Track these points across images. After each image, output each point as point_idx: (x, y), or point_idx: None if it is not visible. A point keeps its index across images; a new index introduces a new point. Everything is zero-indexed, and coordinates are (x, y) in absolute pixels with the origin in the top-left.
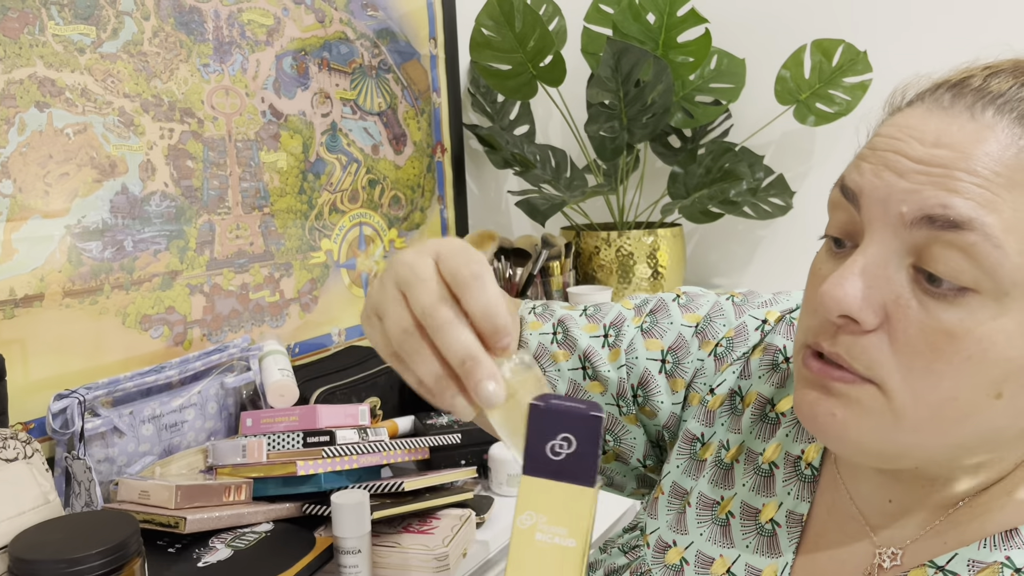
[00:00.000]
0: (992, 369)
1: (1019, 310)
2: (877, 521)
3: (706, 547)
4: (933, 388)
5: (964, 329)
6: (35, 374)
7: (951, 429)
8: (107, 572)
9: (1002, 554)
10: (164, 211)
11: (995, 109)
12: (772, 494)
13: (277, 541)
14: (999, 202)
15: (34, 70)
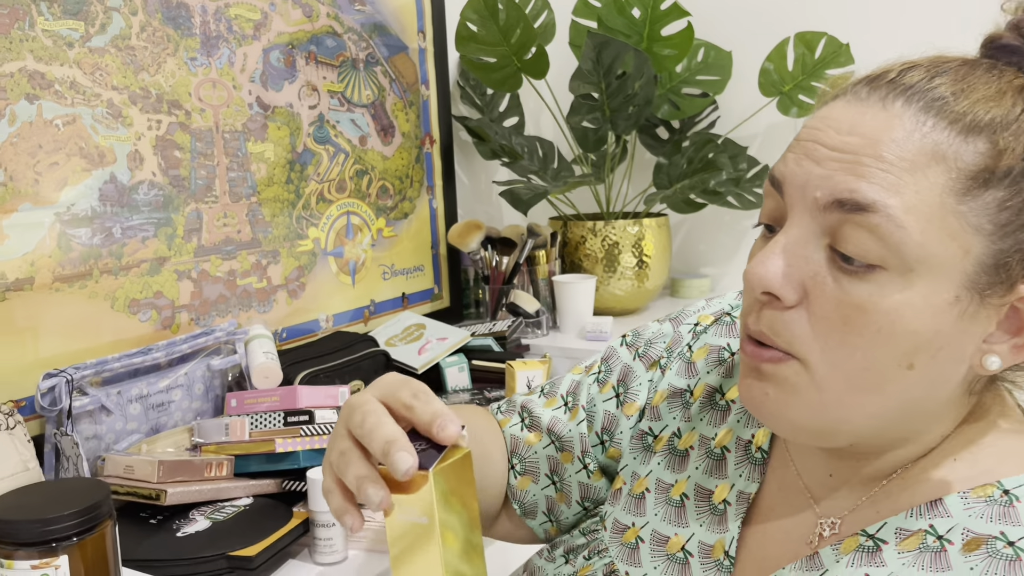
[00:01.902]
0: (901, 341)
1: (924, 285)
2: (820, 494)
3: (661, 527)
4: (848, 359)
5: (873, 303)
6: (26, 355)
7: (869, 400)
8: (79, 532)
9: (926, 522)
10: (152, 199)
11: (904, 99)
12: (724, 476)
13: (255, 514)
14: (902, 185)
15: (24, 64)
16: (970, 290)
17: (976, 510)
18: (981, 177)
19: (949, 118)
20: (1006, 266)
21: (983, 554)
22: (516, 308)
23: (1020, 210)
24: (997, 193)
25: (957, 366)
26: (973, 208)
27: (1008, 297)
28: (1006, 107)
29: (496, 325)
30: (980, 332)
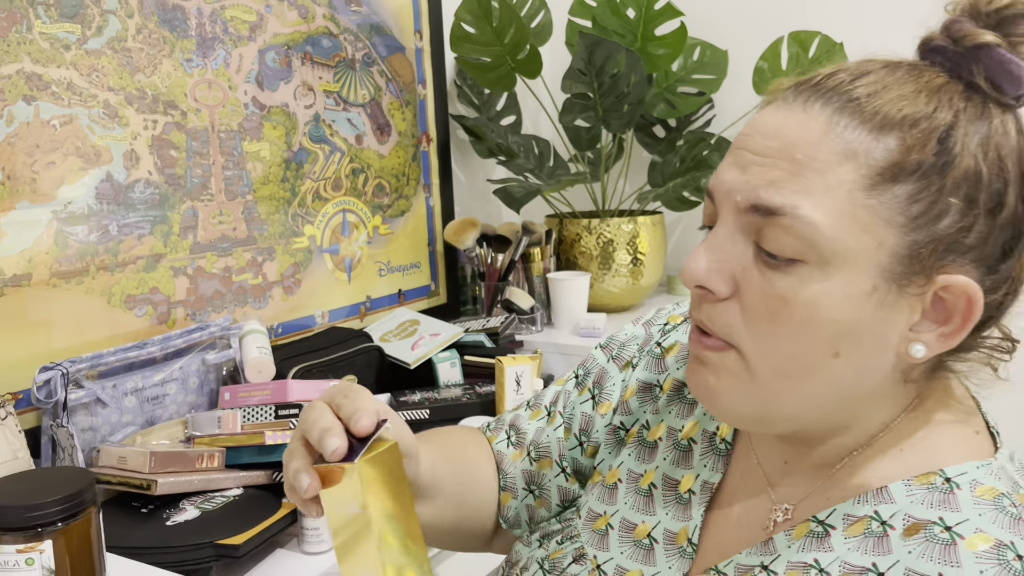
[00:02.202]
0: (823, 329)
1: (841, 276)
2: (776, 481)
3: (630, 514)
4: (776, 348)
5: (795, 294)
6: (23, 349)
7: (800, 387)
8: (64, 518)
9: (871, 508)
10: (148, 198)
11: (823, 102)
12: (690, 467)
13: (244, 504)
14: (812, 185)
15: (21, 66)
16: (887, 280)
17: (918, 496)
18: (890, 172)
19: (861, 117)
20: (920, 257)
21: (921, 538)
22: (511, 304)
23: (931, 203)
24: (907, 187)
25: (883, 354)
26: (883, 202)
27: (928, 287)
28: (918, 105)
29: (489, 321)
30: (903, 321)
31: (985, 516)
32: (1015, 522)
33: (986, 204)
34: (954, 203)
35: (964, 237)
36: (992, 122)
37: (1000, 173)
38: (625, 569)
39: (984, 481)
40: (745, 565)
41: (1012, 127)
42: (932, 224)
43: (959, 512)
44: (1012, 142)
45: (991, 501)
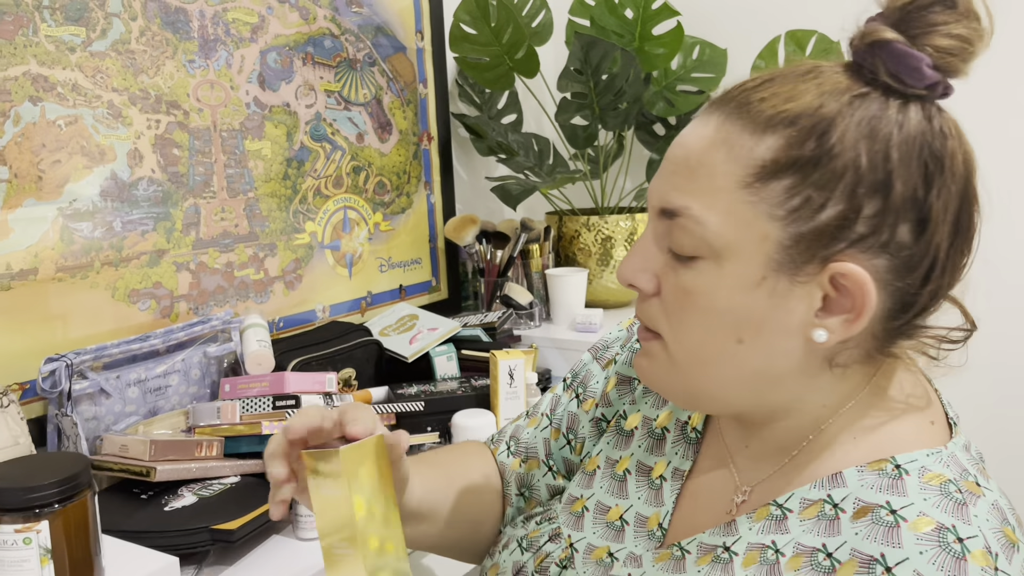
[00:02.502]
0: (722, 318)
1: (732, 269)
2: (740, 464)
3: (605, 498)
4: (687, 335)
5: (696, 287)
6: (30, 340)
7: (713, 371)
8: (60, 500)
9: (826, 492)
10: (151, 195)
11: (719, 111)
12: (662, 454)
13: (240, 492)
14: (703, 187)
15: (28, 68)
16: (775, 271)
17: (868, 481)
18: (769, 169)
19: (746, 120)
20: (806, 247)
21: (868, 521)
22: (509, 300)
23: (809, 196)
24: (784, 182)
25: (787, 339)
26: (764, 197)
27: (821, 276)
28: (803, 103)
29: (487, 316)
30: (802, 308)
31: (930, 501)
32: (959, 507)
33: (870, 192)
34: (834, 194)
35: (851, 225)
36: (887, 113)
37: (885, 162)
38: (595, 546)
39: (932, 468)
40: (708, 544)
41: (914, 116)
42: (813, 216)
43: (905, 497)
44: (909, 131)
45: (937, 487)
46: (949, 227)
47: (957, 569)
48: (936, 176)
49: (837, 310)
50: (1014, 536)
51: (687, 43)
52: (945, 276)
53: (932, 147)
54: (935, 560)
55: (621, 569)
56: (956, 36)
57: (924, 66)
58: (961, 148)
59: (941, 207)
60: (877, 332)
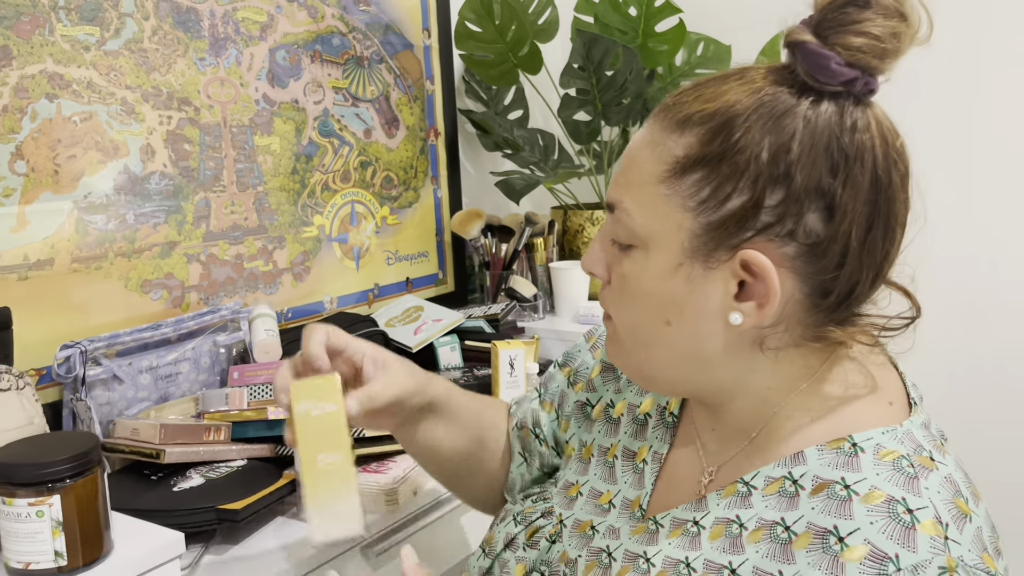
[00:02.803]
0: (650, 301)
1: (655, 256)
2: (709, 447)
3: (597, 484)
4: (625, 317)
5: (629, 273)
6: (46, 328)
7: (651, 352)
8: (71, 476)
9: (787, 470)
10: (163, 189)
11: (655, 115)
12: (645, 439)
13: (247, 474)
14: (632, 183)
15: (44, 66)
16: (691, 258)
17: (827, 459)
18: (683, 164)
19: (668, 121)
20: (716, 236)
21: (824, 496)
22: (514, 292)
23: (716, 188)
24: (695, 176)
25: (708, 322)
26: (678, 190)
27: (732, 263)
28: (718, 103)
29: (491, 308)
30: (718, 292)
31: (882, 475)
32: (910, 480)
33: (771, 184)
34: (739, 185)
35: (756, 215)
36: (797, 110)
37: (785, 155)
38: (581, 521)
39: (887, 445)
40: (680, 519)
41: (825, 112)
42: (720, 206)
43: (859, 472)
44: (816, 127)
45: (890, 462)
46: (862, 216)
47: (906, 538)
48: (841, 167)
49: (752, 296)
50: (966, 508)
51: (691, 39)
52: (863, 263)
53: (840, 141)
54: (884, 529)
55: (601, 540)
56: (867, 34)
57: (833, 64)
58: (878, 141)
59: (849, 196)
60: (802, 317)
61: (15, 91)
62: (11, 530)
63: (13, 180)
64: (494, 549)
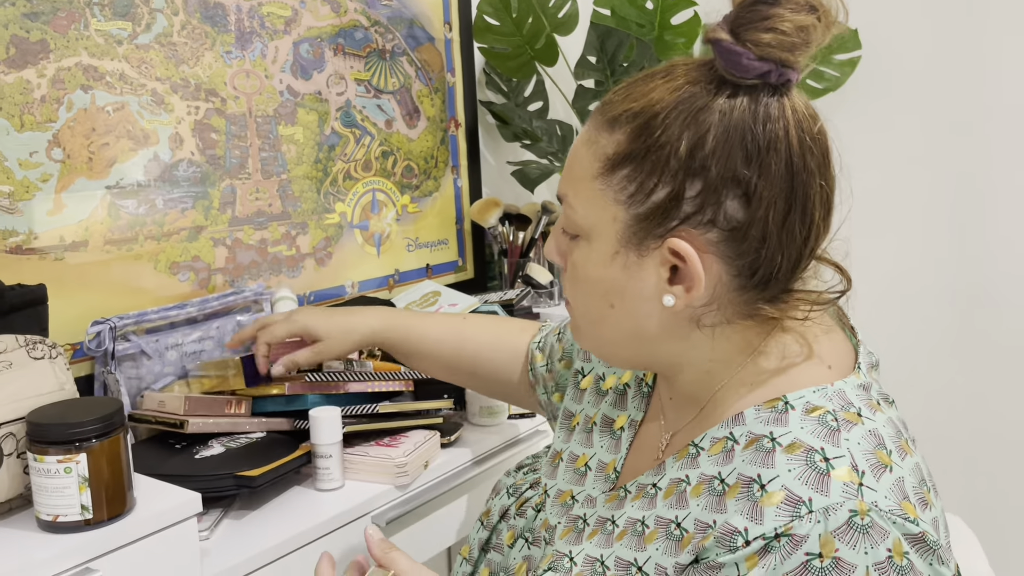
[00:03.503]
0: (594, 286)
1: (596, 245)
2: (669, 415)
3: (576, 448)
4: (578, 301)
5: (577, 261)
6: (80, 306)
7: (600, 331)
8: (97, 436)
9: (728, 430)
10: (191, 175)
11: (593, 115)
12: (624, 408)
13: (265, 445)
14: (574, 179)
15: (79, 59)
16: (625, 247)
17: (761, 417)
18: (614, 160)
19: (602, 121)
20: (645, 226)
21: (753, 449)
22: (530, 279)
23: (642, 181)
24: (624, 171)
25: (646, 304)
26: (610, 185)
27: (661, 250)
28: (644, 101)
29: (507, 294)
30: (653, 277)
31: (806, 429)
32: (831, 433)
33: (690, 176)
34: (662, 179)
35: (678, 205)
36: (713, 104)
37: (701, 148)
38: (562, 490)
39: (816, 402)
40: (643, 484)
41: (739, 105)
42: (646, 199)
43: (786, 427)
44: (731, 120)
45: (815, 417)
46: (779, 201)
47: (820, 483)
48: (755, 156)
49: (682, 279)
50: (887, 459)
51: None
52: (784, 244)
53: (754, 131)
54: (800, 476)
55: (580, 509)
56: (775, 30)
57: (745, 59)
58: (793, 129)
59: (764, 183)
60: (732, 297)
61: (52, 82)
62: (42, 484)
63: (50, 166)
64: (491, 521)
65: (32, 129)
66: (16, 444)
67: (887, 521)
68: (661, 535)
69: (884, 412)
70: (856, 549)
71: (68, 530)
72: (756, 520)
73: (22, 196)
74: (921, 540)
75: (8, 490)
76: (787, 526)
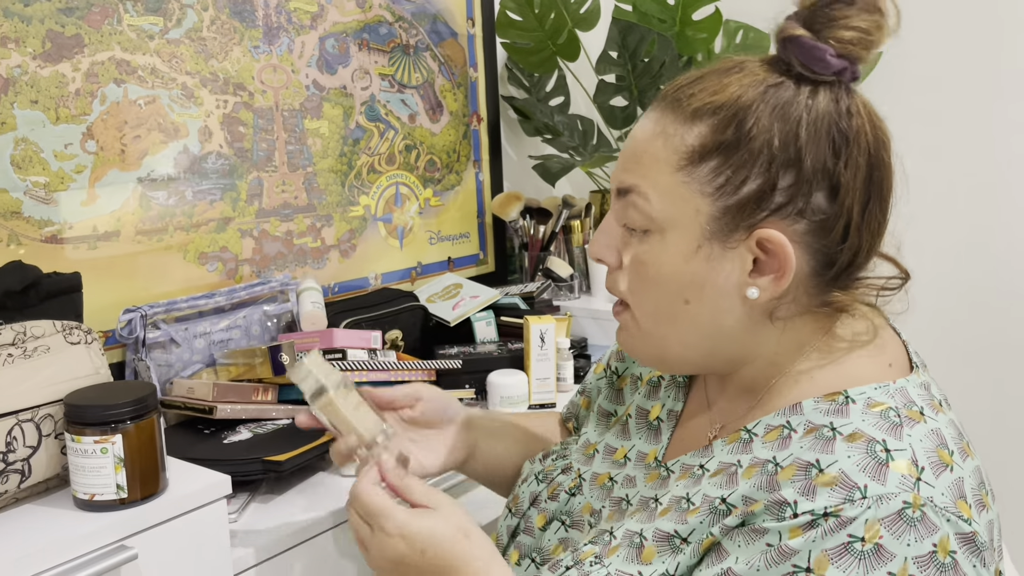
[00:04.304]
0: (670, 283)
1: (674, 240)
2: (720, 407)
3: (612, 441)
4: (645, 301)
5: (646, 257)
6: (112, 294)
7: (672, 331)
8: (132, 418)
9: (785, 419)
10: (219, 168)
11: (659, 106)
12: (657, 398)
13: (291, 432)
14: (647, 171)
15: (112, 53)
16: (709, 240)
17: (821, 408)
18: (699, 153)
19: (679, 112)
20: (733, 218)
21: (812, 437)
22: (551, 273)
23: (732, 173)
24: (711, 163)
25: (726, 298)
26: (695, 177)
27: (748, 241)
28: (725, 95)
29: (528, 287)
30: (736, 270)
31: (867, 421)
32: (893, 427)
33: (784, 167)
34: (753, 171)
35: (770, 196)
36: (798, 99)
37: (795, 141)
38: (599, 474)
39: (878, 398)
40: (688, 464)
41: (823, 100)
42: (737, 190)
43: (847, 418)
44: (817, 113)
45: (878, 412)
46: (860, 192)
47: (878, 472)
48: (843, 149)
49: (766, 271)
50: (949, 459)
51: (731, 27)
52: (863, 234)
53: (839, 125)
54: (859, 463)
55: (620, 490)
56: (855, 28)
57: (828, 56)
58: (868, 124)
59: (850, 176)
60: (809, 287)
61: (86, 76)
62: (79, 464)
63: (84, 158)
64: (520, 508)
65: (67, 122)
66: (54, 425)
67: (940, 517)
68: (705, 509)
69: (945, 413)
70: (900, 539)
71: (104, 508)
72: (808, 496)
73: (57, 187)
74: (971, 540)
75: (46, 470)
76: (837, 507)
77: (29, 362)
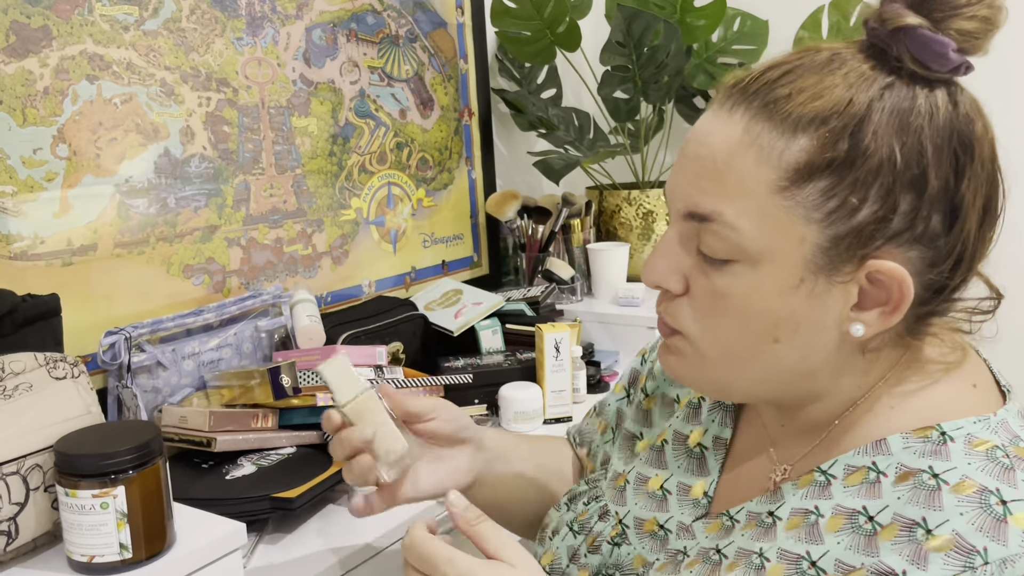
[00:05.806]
0: (759, 319)
1: (770, 272)
2: (778, 441)
3: (643, 469)
4: (721, 335)
5: (732, 290)
6: (90, 315)
7: (747, 367)
8: (135, 466)
9: (870, 459)
10: (203, 172)
11: (745, 107)
12: (698, 422)
13: (297, 462)
14: (734, 191)
15: (84, 47)
16: (814, 272)
17: (913, 448)
18: (803, 172)
19: (775, 121)
20: (844, 247)
21: (910, 485)
22: (551, 275)
23: (846, 196)
24: (820, 184)
25: (822, 335)
26: (799, 201)
27: (859, 273)
28: (832, 100)
29: (530, 291)
30: (838, 305)
31: (974, 465)
32: (1005, 471)
33: (906, 189)
34: (871, 193)
35: (887, 222)
36: (916, 104)
37: (919, 157)
38: (642, 519)
39: (980, 435)
40: (755, 512)
41: (942, 103)
42: (850, 216)
43: (949, 461)
44: (939, 121)
45: (984, 452)
46: (978, 213)
47: (997, 531)
48: (967, 165)
49: (872, 304)
50: None
51: (728, 15)
52: (975, 260)
53: (961, 134)
54: (975, 521)
55: (678, 542)
56: (979, 17)
57: (950, 51)
58: (986, 129)
59: (971, 196)
60: (908, 317)
61: (56, 73)
62: (75, 522)
63: (56, 164)
64: (559, 567)
65: (36, 124)
66: (43, 476)
67: None
68: (792, 571)
69: None
70: None
71: (105, 571)
72: (919, 565)
73: (26, 197)
74: None
75: (36, 528)
76: None
77: (10, 404)
